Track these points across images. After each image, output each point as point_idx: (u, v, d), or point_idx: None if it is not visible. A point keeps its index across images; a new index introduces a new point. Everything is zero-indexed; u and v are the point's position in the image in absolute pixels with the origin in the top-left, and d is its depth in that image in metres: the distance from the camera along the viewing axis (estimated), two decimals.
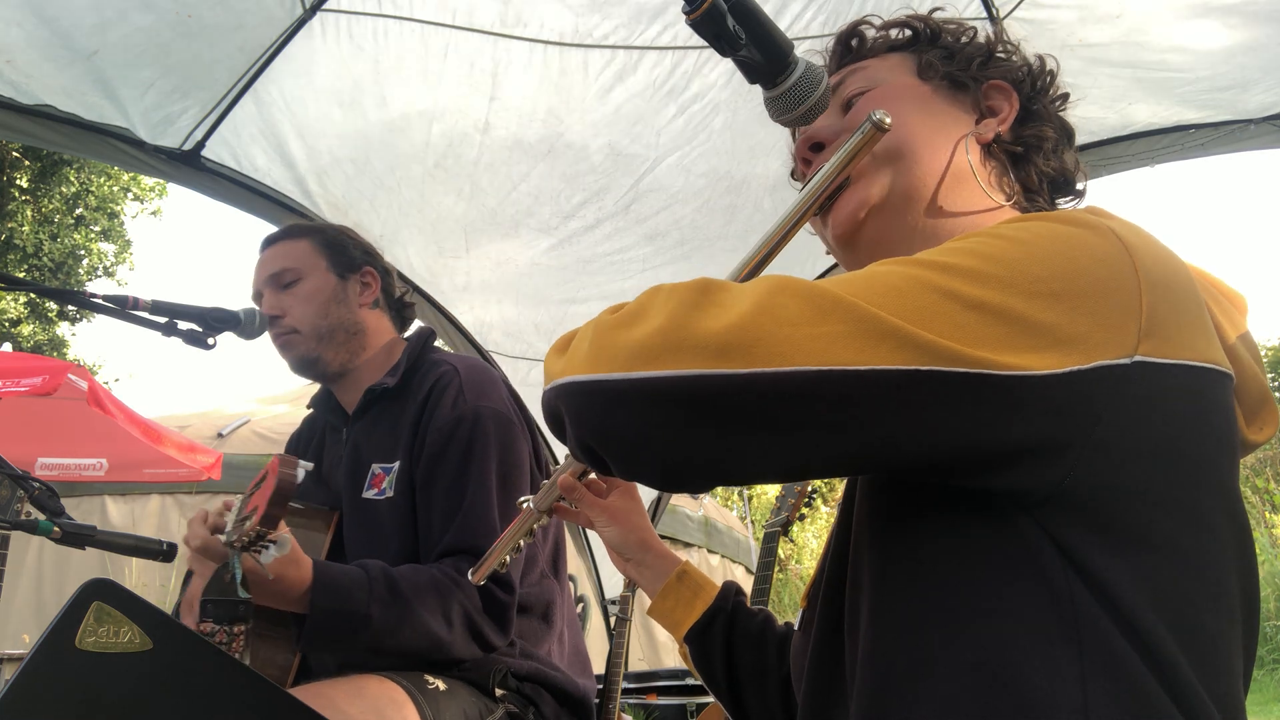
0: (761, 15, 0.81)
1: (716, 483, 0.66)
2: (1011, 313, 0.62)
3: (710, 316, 0.61)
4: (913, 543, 0.70)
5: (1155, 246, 0.70)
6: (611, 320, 0.65)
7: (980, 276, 0.63)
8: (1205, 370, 0.68)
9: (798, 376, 0.58)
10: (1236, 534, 0.69)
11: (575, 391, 0.64)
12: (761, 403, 0.59)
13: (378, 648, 1.47)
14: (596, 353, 0.63)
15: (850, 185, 0.87)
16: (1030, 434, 0.62)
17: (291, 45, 2.48)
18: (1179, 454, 0.66)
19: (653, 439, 0.62)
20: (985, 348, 0.60)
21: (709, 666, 1.11)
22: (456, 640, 1.51)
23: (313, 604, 1.40)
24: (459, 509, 1.58)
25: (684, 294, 0.63)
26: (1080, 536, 0.64)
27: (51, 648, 0.99)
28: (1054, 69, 0.94)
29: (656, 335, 0.61)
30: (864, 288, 0.62)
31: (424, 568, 1.53)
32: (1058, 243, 0.66)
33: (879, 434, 0.61)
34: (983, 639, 0.64)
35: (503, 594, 1.57)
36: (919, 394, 0.59)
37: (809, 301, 0.60)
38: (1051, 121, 0.91)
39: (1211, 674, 0.64)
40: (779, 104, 0.85)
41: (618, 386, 0.61)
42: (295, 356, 1.77)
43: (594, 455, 0.66)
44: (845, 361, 0.58)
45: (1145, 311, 0.64)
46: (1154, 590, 0.63)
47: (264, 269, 1.81)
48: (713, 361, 0.59)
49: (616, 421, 0.62)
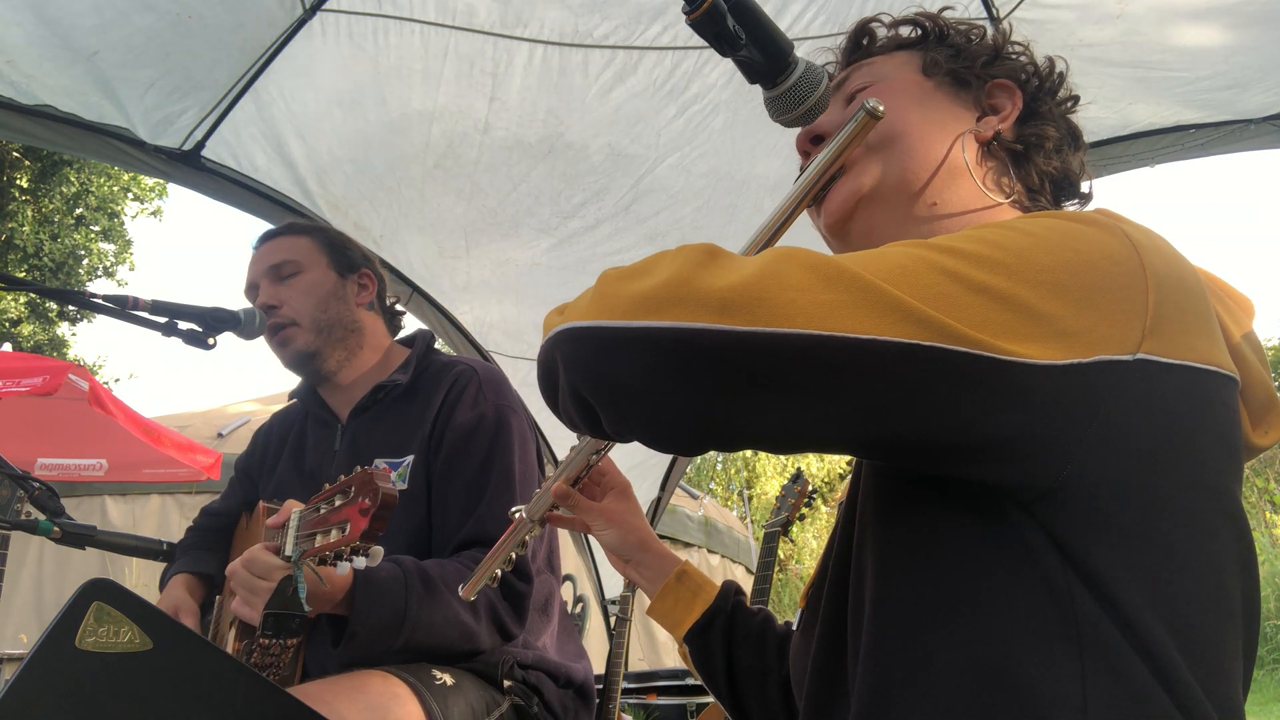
0: (761, 15, 0.81)
1: (705, 443, 0.65)
2: (1016, 300, 0.61)
3: (716, 275, 0.61)
4: (914, 541, 0.70)
5: (1165, 248, 0.70)
6: (617, 273, 0.66)
7: (988, 262, 0.63)
8: (1208, 372, 0.67)
9: (798, 339, 0.58)
10: (1237, 536, 0.69)
11: (574, 336, 0.64)
12: (759, 361, 0.59)
13: (415, 644, 1.45)
14: (599, 301, 0.63)
15: (843, 174, 0.88)
16: (1026, 423, 0.62)
17: (291, 45, 2.48)
18: (1179, 454, 0.66)
19: (647, 389, 0.61)
20: (988, 331, 0.60)
21: (709, 667, 1.11)
22: (483, 630, 1.51)
23: (355, 605, 1.37)
24: (480, 502, 1.59)
25: (691, 253, 0.63)
26: (1078, 534, 0.64)
27: (51, 648, 0.99)
28: (1063, 71, 0.94)
29: (661, 288, 0.61)
30: (872, 262, 0.62)
31: (446, 560, 1.53)
32: (1067, 237, 0.66)
33: (873, 405, 0.61)
34: (982, 637, 0.64)
35: (521, 584, 1.57)
36: (918, 369, 0.59)
37: (815, 270, 0.60)
38: (1056, 122, 0.91)
39: (1210, 674, 0.64)
40: (779, 104, 0.85)
41: (618, 333, 0.61)
42: (293, 350, 1.74)
43: (585, 404, 0.65)
44: (846, 329, 0.58)
45: (1151, 310, 0.64)
46: (1152, 590, 0.63)
47: (261, 261, 1.78)
48: (715, 316, 0.58)
49: (613, 367, 0.62)
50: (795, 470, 2.49)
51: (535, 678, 1.66)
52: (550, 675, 1.69)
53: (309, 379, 1.83)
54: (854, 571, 0.77)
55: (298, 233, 1.84)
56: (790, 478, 2.48)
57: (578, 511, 1.15)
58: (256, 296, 1.77)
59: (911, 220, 0.86)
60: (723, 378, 0.60)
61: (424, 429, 1.67)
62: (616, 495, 1.18)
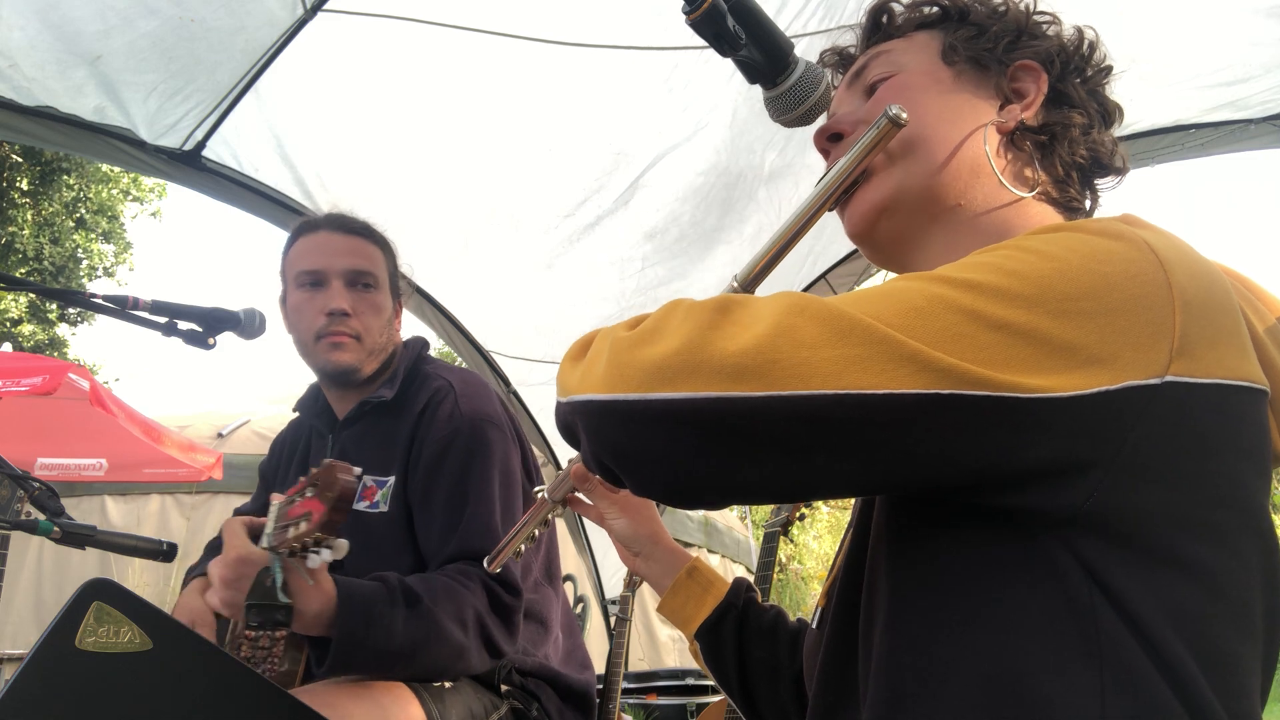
0: (761, 15, 0.81)
1: (730, 501, 0.66)
2: (1037, 333, 0.60)
3: (727, 337, 0.60)
4: (931, 551, 0.69)
5: (1191, 258, 0.68)
6: (629, 338, 0.65)
7: (1006, 295, 0.61)
8: (1238, 388, 0.65)
9: (814, 400, 0.58)
10: (1263, 552, 0.68)
11: (592, 411, 0.64)
12: (776, 426, 0.59)
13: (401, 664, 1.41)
14: (614, 371, 0.63)
15: (865, 180, 0.85)
16: (1053, 455, 0.61)
17: (292, 46, 2.48)
18: (1207, 474, 0.64)
19: (668, 459, 0.62)
20: (1009, 370, 0.59)
21: (720, 663, 1.10)
22: (471, 647, 1.47)
23: (340, 624, 1.32)
24: (462, 517, 1.56)
25: (701, 313, 0.63)
26: (1102, 554, 0.63)
27: (51, 648, 0.99)
28: (1094, 39, 0.90)
29: (674, 356, 0.61)
30: (884, 307, 0.61)
31: (432, 575, 1.50)
32: (1088, 259, 0.64)
33: (895, 457, 0.61)
34: (999, 651, 0.63)
35: (509, 597, 1.54)
36: (938, 418, 0.59)
37: (826, 323, 0.59)
38: (1082, 104, 0.87)
39: (1230, 694, 0.63)
40: (779, 104, 0.85)
41: (634, 407, 0.61)
42: (344, 363, 1.68)
43: (608, 470, 0.66)
44: (862, 385, 0.57)
45: (1178, 330, 0.62)
46: (1175, 610, 0.62)
47: (339, 255, 1.71)
48: (729, 384, 0.58)
49: (632, 441, 0.62)
50: None
51: (534, 685, 1.65)
52: (550, 684, 1.68)
53: (331, 385, 1.78)
54: (867, 576, 0.76)
55: (377, 242, 1.79)
56: None
57: (594, 497, 1.14)
58: (319, 284, 1.69)
59: (937, 224, 0.84)
60: (742, 444, 0.60)
61: (402, 450, 1.65)
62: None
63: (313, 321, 1.68)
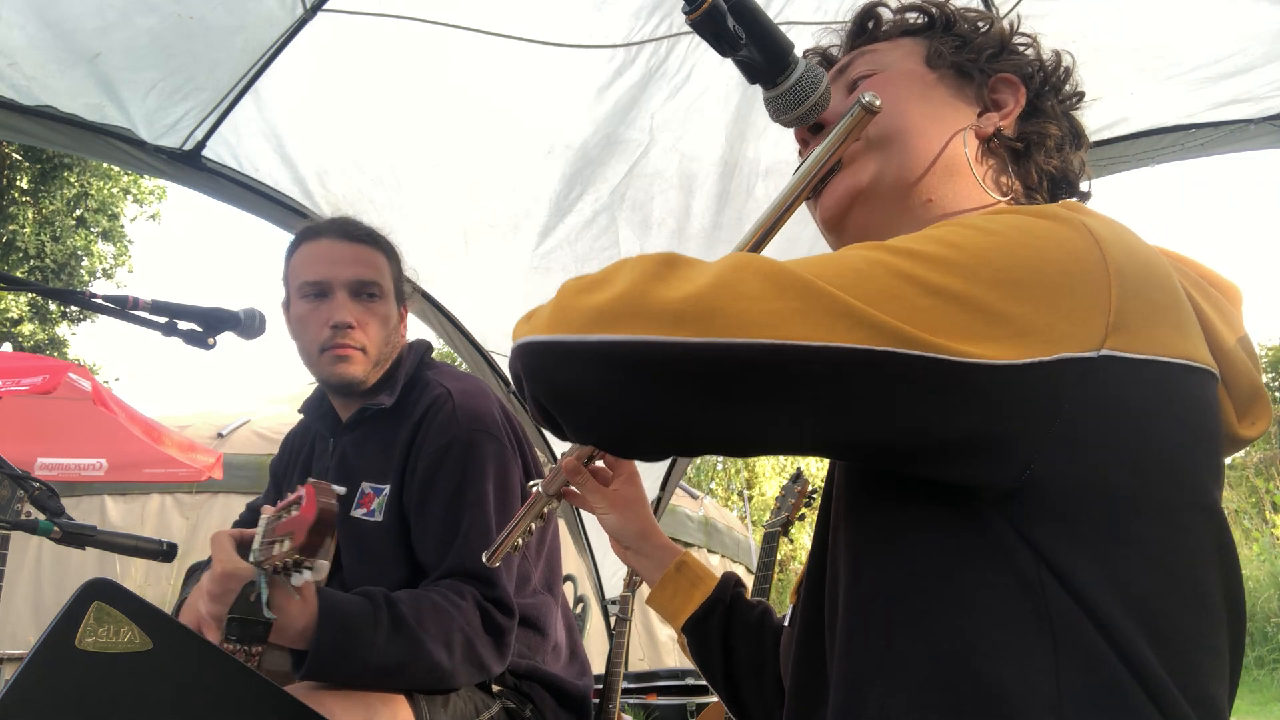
0: (762, 15, 0.81)
1: (666, 450, 0.66)
2: (973, 301, 0.61)
3: (670, 287, 0.61)
4: (885, 537, 0.70)
5: (1129, 240, 0.69)
6: (575, 286, 0.66)
7: (943, 263, 0.63)
8: (1179, 366, 0.67)
9: (750, 348, 0.58)
10: (1214, 531, 0.68)
11: (533, 351, 0.64)
12: (712, 372, 0.59)
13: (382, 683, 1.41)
14: (557, 315, 0.64)
15: (841, 169, 0.87)
16: (985, 423, 0.62)
17: (292, 45, 2.48)
18: (1148, 450, 0.65)
19: (604, 401, 0.62)
20: (942, 334, 0.60)
21: (706, 657, 1.11)
22: (457, 668, 1.46)
23: (319, 640, 1.32)
24: (458, 531, 1.55)
25: (648, 264, 0.64)
26: (1047, 531, 0.63)
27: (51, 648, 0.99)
28: (1070, 65, 0.93)
29: (616, 301, 0.61)
30: (825, 268, 0.62)
31: (423, 592, 1.49)
32: (1027, 234, 0.66)
33: (828, 411, 0.61)
34: (954, 631, 0.64)
35: (502, 617, 1.53)
36: (872, 374, 0.59)
37: (768, 278, 0.60)
38: (1058, 120, 0.90)
39: (1183, 668, 0.64)
40: (779, 104, 0.85)
41: (573, 347, 0.61)
42: (348, 375, 1.68)
43: (548, 414, 0.66)
44: (798, 336, 0.58)
45: (1114, 305, 0.64)
46: (1122, 587, 0.63)
47: (344, 264, 1.70)
48: (668, 329, 0.59)
49: (570, 381, 0.63)
50: (795, 470, 2.49)
51: (528, 687, 1.65)
52: (545, 687, 1.68)
53: (335, 393, 1.78)
54: (829, 567, 0.77)
55: (381, 249, 1.78)
56: (790, 478, 2.48)
57: (585, 491, 1.15)
58: (324, 295, 1.68)
59: (907, 216, 0.85)
60: (677, 389, 0.60)
61: (399, 459, 1.64)
62: (624, 480, 1.18)
63: (317, 333, 1.67)
